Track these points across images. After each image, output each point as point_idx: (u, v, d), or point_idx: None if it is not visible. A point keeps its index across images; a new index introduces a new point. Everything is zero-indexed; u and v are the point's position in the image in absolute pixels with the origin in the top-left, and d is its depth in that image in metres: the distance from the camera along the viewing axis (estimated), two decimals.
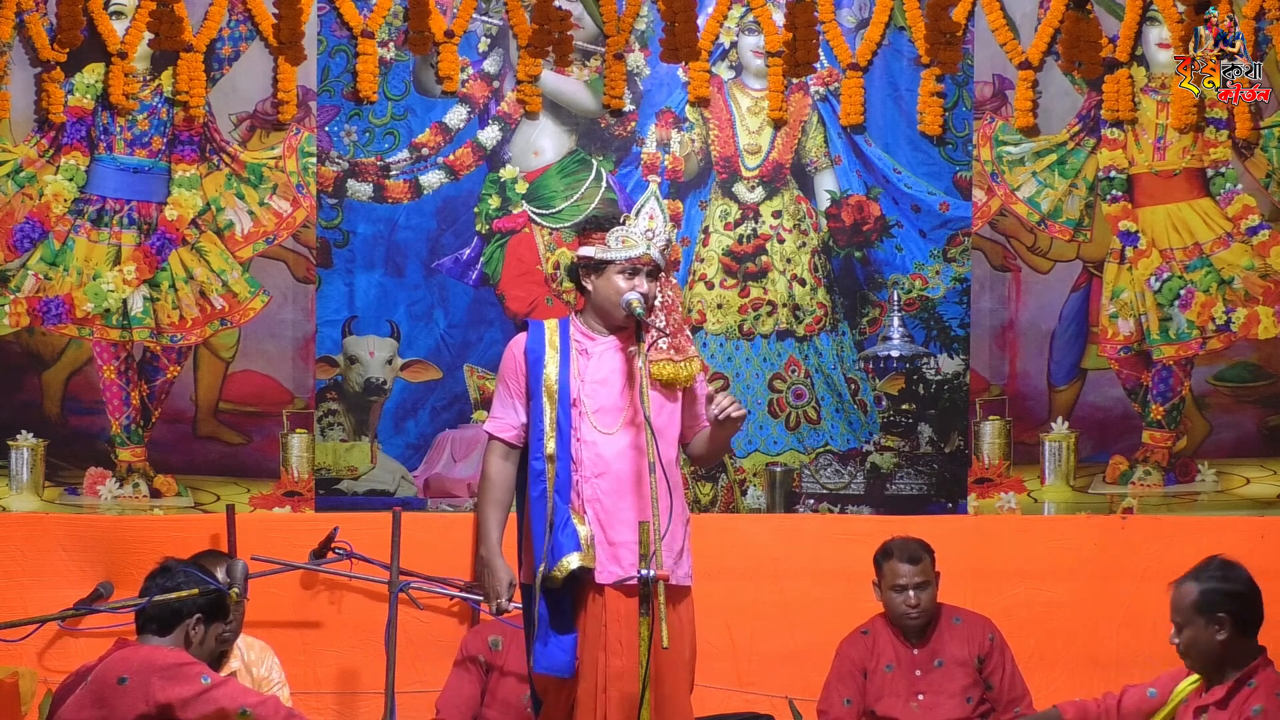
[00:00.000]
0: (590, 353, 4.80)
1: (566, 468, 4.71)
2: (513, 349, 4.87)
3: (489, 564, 4.76)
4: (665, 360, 4.74)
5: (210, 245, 6.98)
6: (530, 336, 4.86)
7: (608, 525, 4.67)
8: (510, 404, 4.83)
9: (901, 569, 5.74)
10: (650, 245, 4.76)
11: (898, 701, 5.78)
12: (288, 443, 6.97)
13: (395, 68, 7.04)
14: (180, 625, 4.47)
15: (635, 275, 4.76)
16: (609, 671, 4.61)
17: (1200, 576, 4.63)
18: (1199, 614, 4.57)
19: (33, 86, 6.90)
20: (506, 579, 4.75)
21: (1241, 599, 4.61)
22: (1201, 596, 4.58)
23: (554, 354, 4.80)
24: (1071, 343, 7.19)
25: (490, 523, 4.79)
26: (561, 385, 4.76)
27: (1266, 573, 6.71)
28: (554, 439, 4.73)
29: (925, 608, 5.75)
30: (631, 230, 4.77)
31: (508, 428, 4.83)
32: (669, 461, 4.72)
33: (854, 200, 7.14)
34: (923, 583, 5.74)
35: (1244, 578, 4.66)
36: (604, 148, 7.11)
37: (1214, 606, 4.57)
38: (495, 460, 4.84)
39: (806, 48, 7.03)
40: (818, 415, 7.13)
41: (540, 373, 4.78)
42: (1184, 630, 4.60)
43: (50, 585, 6.44)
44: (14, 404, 6.89)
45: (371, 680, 6.38)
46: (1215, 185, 7.19)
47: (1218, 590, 4.59)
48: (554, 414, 4.74)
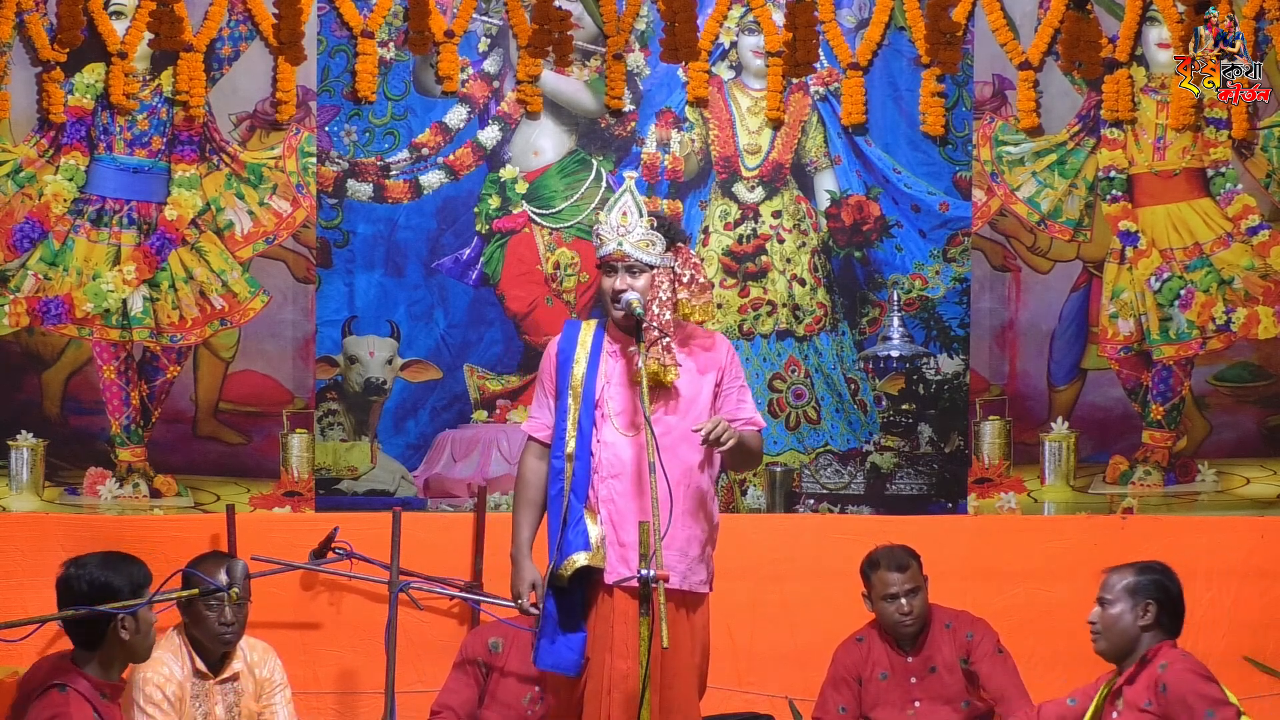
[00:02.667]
0: (618, 355, 4.77)
1: (585, 467, 4.70)
2: (549, 348, 4.86)
3: (516, 563, 4.77)
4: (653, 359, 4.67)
5: (210, 245, 6.98)
6: (564, 336, 4.84)
7: (619, 526, 4.66)
8: (545, 403, 4.83)
9: (891, 578, 5.69)
10: (623, 241, 4.69)
11: (893, 709, 5.75)
12: (288, 443, 6.97)
13: (395, 68, 7.04)
14: (108, 629, 4.18)
15: (614, 273, 4.71)
16: (614, 673, 4.60)
17: (1140, 567, 4.85)
18: (1130, 595, 4.78)
19: (33, 86, 6.90)
20: (530, 579, 4.74)
21: (1173, 599, 4.82)
22: (1137, 581, 4.80)
23: (584, 354, 4.77)
24: (1071, 343, 7.19)
25: (522, 522, 4.79)
26: (587, 386, 4.73)
27: (1266, 573, 6.77)
28: (575, 439, 4.72)
29: (919, 614, 5.72)
30: (604, 227, 4.73)
31: (542, 427, 4.82)
32: (690, 466, 4.70)
33: (854, 200, 7.14)
34: (913, 589, 5.70)
35: (1179, 586, 4.87)
36: (604, 148, 7.11)
37: (1145, 593, 4.78)
38: (530, 460, 4.84)
39: (806, 48, 7.03)
40: (818, 415, 7.13)
41: (569, 372, 4.76)
42: (1110, 607, 4.78)
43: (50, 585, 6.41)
44: (14, 404, 6.89)
45: (371, 680, 6.38)
46: (1215, 185, 7.19)
47: (1155, 581, 4.81)
48: (577, 414, 4.72)
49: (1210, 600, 6.64)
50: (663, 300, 4.69)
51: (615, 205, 4.74)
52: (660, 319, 4.67)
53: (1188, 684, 4.60)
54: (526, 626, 5.78)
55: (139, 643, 4.22)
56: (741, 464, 4.96)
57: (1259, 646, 6.68)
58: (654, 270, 4.71)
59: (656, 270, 4.71)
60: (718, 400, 4.80)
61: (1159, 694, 4.62)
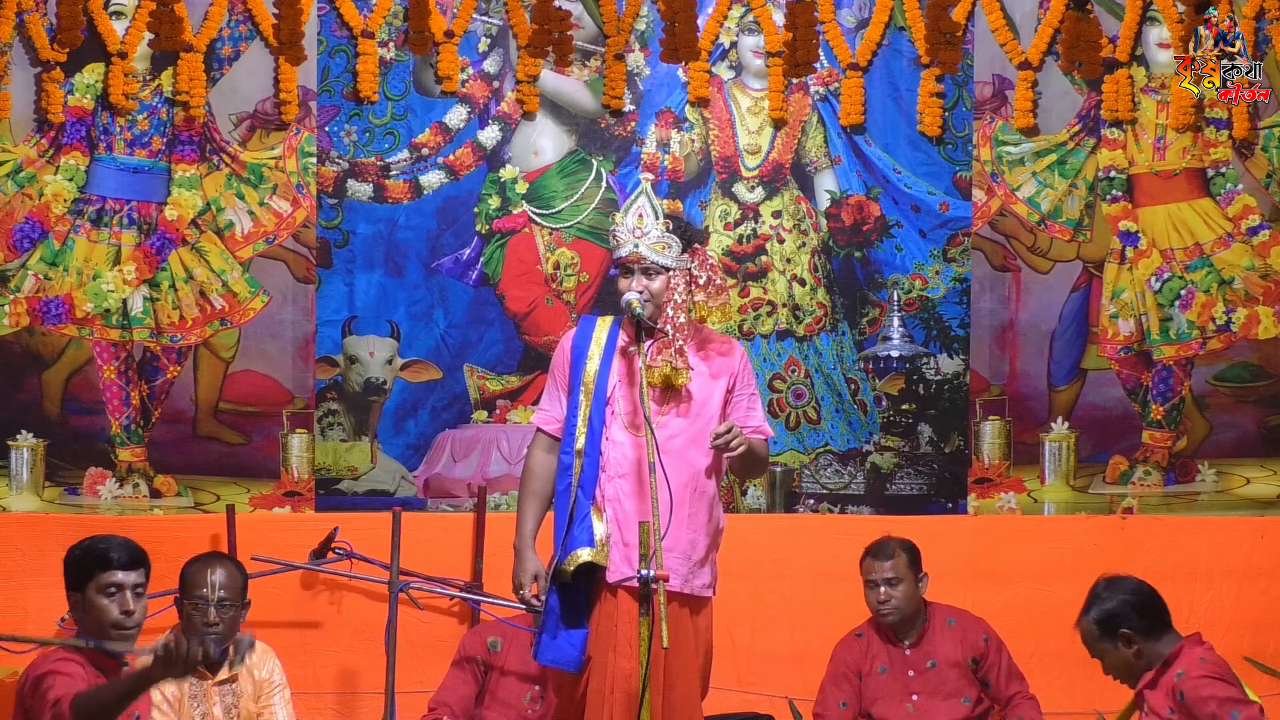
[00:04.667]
0: (630, 354, 4.77)
1: (594, 464, 4.70)
2: (562, 342, 4.86)
3: (519, 554, 4.76)
4: (663, 363, 4.69)
5: (210, 245, 6.98)
6: (578, 331, 4.84)
7: (624, 526, 4.65)
8: (556, 397, 4.82)
9: (872, 565, 5.74)
10: (640, 243, 4.69)
11: (892, 703, 5.76)
12: (288, 443, 6.97)
13: (395, 68, 7.04)
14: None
15: (630, 275, 4.72)
16: (616, 673, 4.60)
17: (1090, 609, 4.78)
18: (1104, 640, 4.74)
19: (33, 86, 6.90)
20: (532, 570, 4.74)
21: (1133, 608, 4.75)
22: (1098, 625, 4.75)
23: (598, 350, 4.77)
24: (1071, 343, 7.19)
25: (526, 513, 4.79)
26: (599, 383, 4.73)
27: (1266, 573, 6.77)
28: (585, 435, 4.71)
29: (898, 605, 5.72)
30: (619, 229, 4.73)
31: (551, 420, 4.82)
32: (697, 470, 4.70)
33: (854, 200, 7.14)
34: (893, 579, 5.71)
35: (1129, 587, 4.79)
36: (604, 148, 7.11)
37: (1112, 628, 4.73)
38: (538, 452, 4.83)
39: (806, 48, 7.03)
40: (818, 415, 7.13)
41: (581, 368, 4.75)
42: (1103, 660, 4.78)
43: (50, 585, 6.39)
44: (14, 404, 6.89)
45: (371, 680, 6.37)
46: (1215, 185, 7.19)
47: (1107, 613, 4.75)
48: (588, 410, 4.72)
49: (1210, 600, 6.64)
50: (677, 303, 4.69)
51: (631, 207, 4.74)
52: (675, 321, 4.68)
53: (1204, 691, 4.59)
54: (526, 626, 5.79)
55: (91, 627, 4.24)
56: (747, 472, 4.95)
57: (1259, 646, 6.68)
58: (670, 272, 4.71)
59: (673, 272, 4.71)
60: (728, 406, 4.79)
61: (1177, 702, 4.62)
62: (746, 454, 4.67)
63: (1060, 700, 6.26)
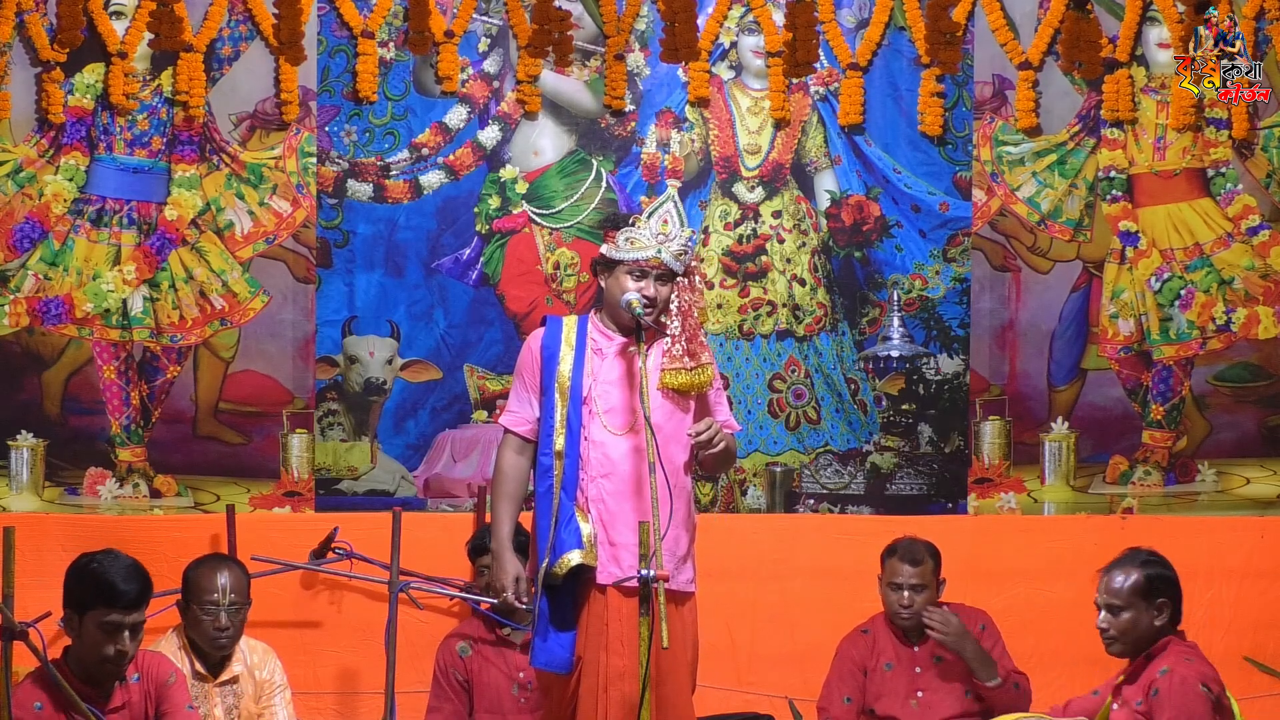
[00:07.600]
0: (605, 352, 4.79)
1: (574, 465, 4.72)
2: (530, 343, 4.88)
3: (497, 556, 4.77)
4: (679, 368, 4.74)
5: (210, 245, 6.98)
6: (547, 332, 4.86)
7: (610, 526, 4.68)
8: (525, 398, 4.84)
9: (901, 568, 5.75)
10: (662, 249, 4.73)
11: (897, 700, 5.78)
12: (288, 443, 6.97)
13: (395, 68, 7.04)
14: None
15: (643, 278, 4.74)
16: (609, 671, 4.62)
17: (1139, 563, 4.78)
18: (1142, 598, 4.73)
19: (33, 86, 6.90)
20: (513, 572, 4.75)
21: (1178, 587, 4.79)
22: (1147, 581, 4.74)
23: (569, 351, 4.79)
24: (1071, 343, 7.19)
25: (501, 516, 4.80)
26: (574, 383, 4.75)
27: (1266, 573, 6.77)
28: (563, 436, 4.73)
29: (918, 610, 5.75)
30: (641, 232, 4.76)
31: (522, 422, 4.83)
32: (677, 466, 4.72)
33: (854, 200, 7.14)
34: (919, 585, 5.74)
35: (1173, 569, 4.82)
36: (604, 148, 7.11)
37: (1157, 592, 4.74)
38: (508, 454, 4.84)
39: (806, 48, 7.03)
40: (818, 415, 7.13)
41: (554, 369, 4.78)
42: (1123, 613, 4.73)
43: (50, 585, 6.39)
44: (14, 404, 6.89)
45: (371, 680, 6.38)
46: (1215, 185, 7.19)
47: (1162, 576, 4.77)
48: (565, 411, 4.74)
49: (1210, 600, 6.64)
50: (684, 307, 4.78)
51: (656, 212, 4.79)
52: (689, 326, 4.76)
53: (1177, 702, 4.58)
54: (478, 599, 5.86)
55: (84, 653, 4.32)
56: (717, 467, 4.97)
57: (1259, 646, 6.69)
58: (676, 279, 4.79)
59: (679, 279, 4.79)
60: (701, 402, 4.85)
61: (1149, 696, 4.62)
62: (710, 456, 4.73)
63: (1060, 700, 6.26)
